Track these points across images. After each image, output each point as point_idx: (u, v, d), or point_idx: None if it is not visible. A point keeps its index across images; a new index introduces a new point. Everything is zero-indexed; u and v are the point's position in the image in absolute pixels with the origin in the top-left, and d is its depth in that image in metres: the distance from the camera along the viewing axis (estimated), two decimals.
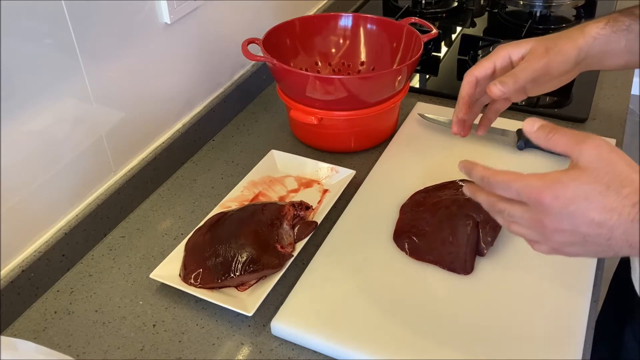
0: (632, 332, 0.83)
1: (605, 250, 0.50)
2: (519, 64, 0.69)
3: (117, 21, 0.77)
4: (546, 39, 0.70)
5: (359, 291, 0.70)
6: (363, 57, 1.03)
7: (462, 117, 0.74)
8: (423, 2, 1.39)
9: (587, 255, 0.52)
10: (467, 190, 0.59)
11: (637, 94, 2.60)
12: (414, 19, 1.00)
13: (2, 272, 0.70)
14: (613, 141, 0.91)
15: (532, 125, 0.53)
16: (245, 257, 0.70)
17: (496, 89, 0.67)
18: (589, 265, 0.72)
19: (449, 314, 0.67)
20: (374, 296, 0.69)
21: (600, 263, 0.74)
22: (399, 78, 0.88)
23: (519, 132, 0.92)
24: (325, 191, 0.86)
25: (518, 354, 0.62)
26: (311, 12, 1.28)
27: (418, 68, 1.15)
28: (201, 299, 0.70)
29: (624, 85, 1.09)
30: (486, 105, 0.77)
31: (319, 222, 0.79)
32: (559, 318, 0.66)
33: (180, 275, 0.72)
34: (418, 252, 0.74)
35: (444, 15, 1.38)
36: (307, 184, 0.88)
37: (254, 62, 1.09)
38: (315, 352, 0.66)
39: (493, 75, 0.72)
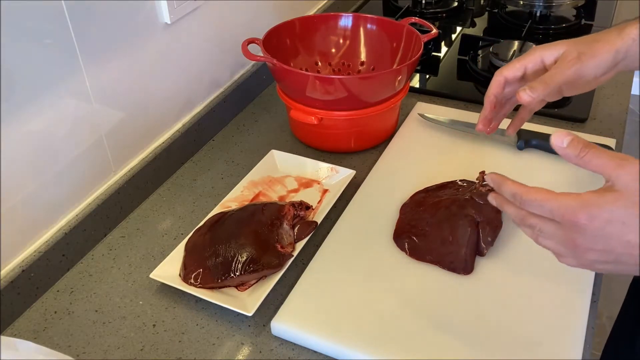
0: None
1: (633, 269, 0.51)
2: (551, 68, 0.68)
3: (117, 21, 0.77)
4: (581, 42, 0.68)
5: (359, 291, 0.70)
6: (363, 57, 1.03)
7: (487, 115, 0.74)
8: (423, 2, 1.39)
9: (615, 272, 0.52)
10: (493, 200, 0.58)
11: (637, 94, 2.60)
12: (414, 19, 1.00)
13: (2, 272, 0.70)
14: (613, 141, 0.91)
15: (561, 141, 0.52)
16: (245, 257, 0.70)
17: (525, 95, 0.66)
18: None
19: (449, 314, 0.67)
20: (374, 296, 0.69)
21: None
22: (399, 78, 0.88)
23: (519, 132, 0.92)
24: (325, 191, 0.86)
25: (518, 354, 0.62)
26: (311, 12, 1.28)
27: (418, 68, 1.15)
28: (201, 299, 0.70)
29: (624, 85, 1.09)
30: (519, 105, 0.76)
31: (319, 222, 0.79)
32: (559, 318, 0.66)
33: (180, 275, 0.72)
34: (418, 252, 0.74)
35: (444, 15, 1.38)
36: (307, 184, 0.88)
37: (254, 62, 1.09)
38: (315, 352, 0.66)
39: (523, 77, 0.72)
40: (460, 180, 0.83)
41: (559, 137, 0.52)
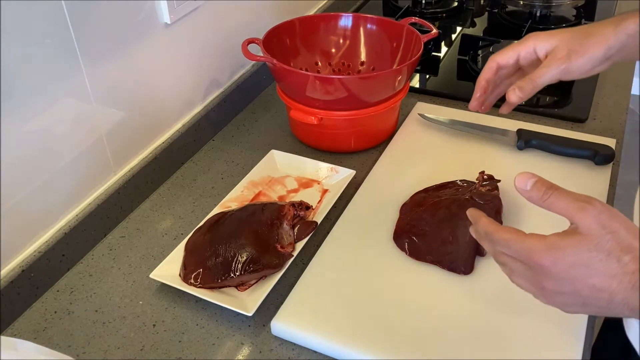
0: None
1: (604, 312, 0.50)
2: (539, 66, 0.69)
3: (117, 21, 0.77)
4: (574, 38, 0.68)
5: (359, 291, 0.70)
6: (363, 57, 1.03)
7: (477, 98, 0.75)
8: (423, 2, 1.39)
9: (588, 313, 0.52)
10: (472, 233, 0.59)
11: (637, 94, 2.60)
12: (414, 19, 1.00)
13: (2, 272, 0.70)
14: (613, 141, 0.91)
15: (524, 183, 0.52)
16: (245, 257, 0.70)
17: (514, 96, 0.68)
18: None
19: (449, 314, 0.67)
20: (374, 296, 0.69)
21: None
22: (399, 78, 0.88)
23: (519, 132, 0.92)
24: (325, 191, 0.86)
25: (518, 354, 0.62)
26: (311, 12, 1.28)
27: (418, 68, 1.15)
28: (201, 299, 0.70)
29: (624, 85, 1.09)
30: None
31: (319, 222, 0.79)
32: (559, 318, 0.66)
33: (180, 275, 0.72)
34: (418, 252, 0.74)
35: (444, 15, 1.38)
36: (307, 184, 0.88)
37: (254, 62, 1.09)
38: (315, 352, 0.66)
39: (515, 65, 0.73)
40: (460, 180, 0.83)
41: (523, 179, 0.52)
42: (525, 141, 0.90)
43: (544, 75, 0.68)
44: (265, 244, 0.73)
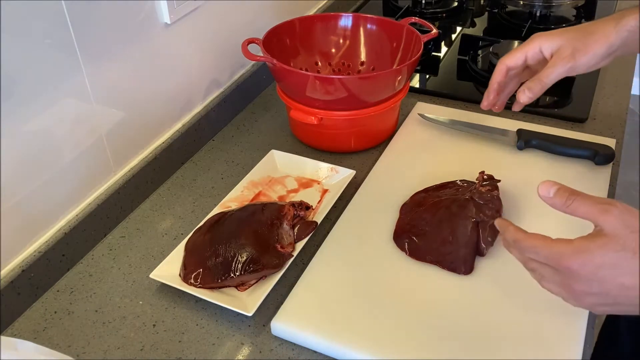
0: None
1: (634, 309, 0.52)
2: (546, 65, 0.72)
3: (117, 21, 0.77)
4: (577, 37, 0.71)
5: (359, 291, 0.70)
6: (363, 57, 1.03)
7: (491, 100, 0.79)
8: (423, 2, 1.39)
9: (618, 312, 0.53)
10: (504, 243, 0.60)
11: (637, 94, 2.60)
12: (414, 19, 1.00)
13: (2, 272, 0.70)
14: (613, 141, 0.91)
15: (547, 191, 0.54)
16: (245, 257, 0.70)
17: (524, 97, 0.72)
18: None
19: (449, 314, 0.67)
20: (374, 296, 0.69)
21: None
22: (399, 78, 0.88)
23: (519, 132, 0.92)
24: (325, 191, 0.86)
25: (518, 354, 0.62)
26: (311, 12, 1.28)
27: (418, 68, 1.15)
28: (201, 299, 0.70)
29: (624, 85, 1.09)
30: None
31: (319, 222, 0.79)
32: (559, 318, 0.66)
33: (180, 275, 0.72)
34: (418, 252, 0.74)
35: (444, 15, 1.38)
36: (307, 184, 0.88)
37: (254, 62, 1.09)
38: (315, 352, 0.66)
39: (523, 65, 0.76)
40: (460, 180, 0.83)
41: (546, 187, 0.54)
42: (525, 141, 0.90)
43: (551, 74, 0.71)
44: (265, 244, 0.73)
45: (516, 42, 1.14)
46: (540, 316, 0.66)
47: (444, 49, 1.23)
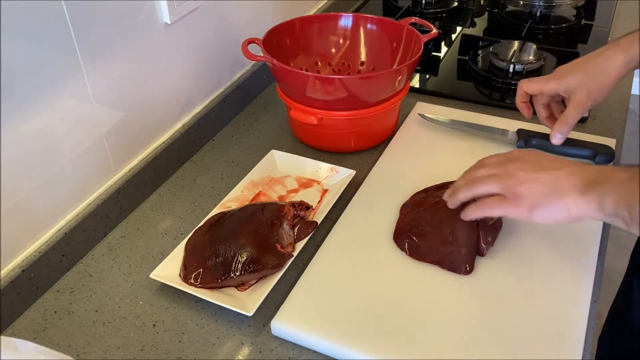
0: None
1: (547, 188, 0.61)
2: (567, 108, 0.80)
3: (117, 21, 0.77)
4: (589, 79, 0.78)
5: (359, 291, 0.70)
6: (363, 57, 1.03)
7: (528, 112, 0.87)
8: (423, 2, 1.39)
9: (534, 181, 0.62)
10: (449, 191, 0.70)
11: (637, 94, 2.59)
12: (414, 19, 1.00)
13: (2, 272, 0.70)
14: (613, 141, 0.91)
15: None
16: (245, 257, 0.70)
17: (557, 140, 0.81)
18: (589, 266, 0.72)
19: (449, 314, 0.67)
20: (374, 296, 0.69)
21: (601, 264, 0.74)
22: (399, 78, 0.88)
23: (519, 132, 0.92)
24: (325, 191, 0.86)
25: (518, 354, 0.62)
26: (311, 12, 1.28)
27: (418, 68, 1.15)
28: (201, 299, 0.70)
29: (624, 86, 1.08)
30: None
31: (319, 222, 0.79)
32: (559, 318, 0.66)
33: (180, 275, 0.72)
34: (418, 252, 0.74)
35: (444, 15, 1.38)
36: (307, 184, 0.88)
37: (254, 62, 1.09)
38: (315, 352, 0.66)
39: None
40: None
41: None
42: (525, 141, 0.90)
43: (571, 117, 0.79)
44: (265, 244, 0.73)
45: (516, 42, 1.14)
46: (540, 316, 0.66)
47: (444, 49, 1.23)
